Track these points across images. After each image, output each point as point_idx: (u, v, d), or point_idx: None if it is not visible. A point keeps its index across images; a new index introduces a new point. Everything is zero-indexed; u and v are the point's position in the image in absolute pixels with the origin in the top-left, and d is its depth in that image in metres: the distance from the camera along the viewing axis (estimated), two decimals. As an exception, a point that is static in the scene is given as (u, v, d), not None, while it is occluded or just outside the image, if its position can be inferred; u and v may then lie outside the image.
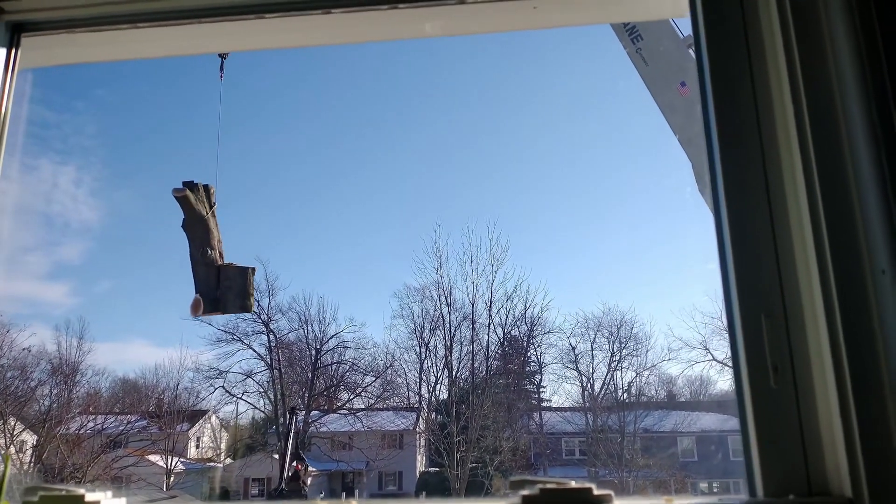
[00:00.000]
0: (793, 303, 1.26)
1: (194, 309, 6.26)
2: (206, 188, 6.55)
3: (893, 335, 1.12)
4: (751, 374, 1.24)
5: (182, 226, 6.29)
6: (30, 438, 24.86)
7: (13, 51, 1.82)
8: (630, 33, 10.47)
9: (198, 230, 6.36)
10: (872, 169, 1.17)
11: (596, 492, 1.18)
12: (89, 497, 1.28)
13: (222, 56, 9.84)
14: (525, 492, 1.20)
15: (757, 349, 1.25)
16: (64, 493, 1.30)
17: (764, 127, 1.34)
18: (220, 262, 6.39)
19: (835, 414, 1.16)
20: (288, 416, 25.07)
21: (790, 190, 1.30)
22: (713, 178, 1.37)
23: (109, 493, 1.32)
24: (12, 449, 23.37)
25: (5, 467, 1.33)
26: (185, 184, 6.33)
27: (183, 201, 6.36)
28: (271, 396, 33.37)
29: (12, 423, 23.91)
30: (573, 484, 1.21)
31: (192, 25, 2.08)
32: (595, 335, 33.79)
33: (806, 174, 1.25)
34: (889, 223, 1.13)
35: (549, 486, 1.20)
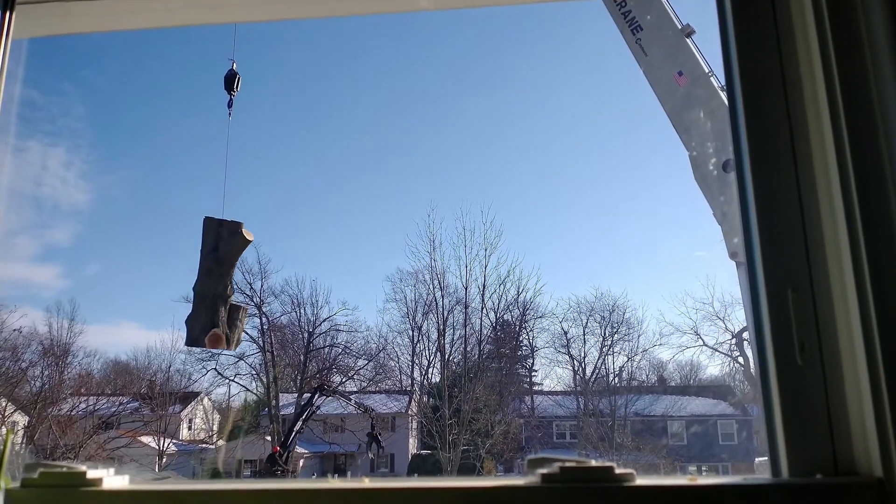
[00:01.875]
0: (820, 277, 1.22)
1: (215, 342, 6.51)
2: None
3: (928, 310, 1.08)
4: (776, 351, 1.20)
5: (215, 259, 6.46)
6: (21, 419, 24.78)
7: (7, 14, 1.76)
8: (630, 24, 10.48)
9: (230, 269, 6.68)
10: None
11: (617, 470, 1.15)
12: (91, 474, 1.24)
13: (231, 93, 9.94)
14: (544, 470, 1.17)
15: (783, 325, 1.21)
16: (65, 469, 1.26)
17: (791, 94, 1.29)
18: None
19: (864, 392, 1.13)
20: (311, 394, 23.65)
21: (818, 159, 1.25)
22: (737, 146, 1.33)
23: (112, 471, 1.28)
24: (3, 429, 23.30)
25: (6, 442, 1.28)
26: (237, 224, 6.58)
27: (245, 244, 6.63)
28: (264, 379, 33.35)
29: (3, 404, 23.83)
30: (593, 463, 1.17)
31: None
32: (587, 320, 33.91)
33: (836, 142, 1.20)
34: (925, 195, 1.09)
35: (568, 464, 1.17)
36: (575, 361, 34.22)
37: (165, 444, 29.94)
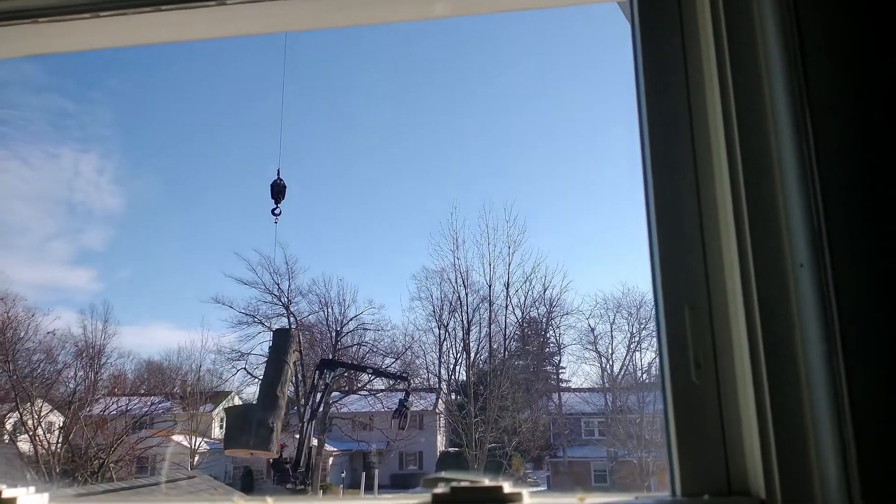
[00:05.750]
0: (718, 296, 1.21)
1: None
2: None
3: (811, 329, 1.07)
4: (672, 367, 1.20)
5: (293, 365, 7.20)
6: (57, 419, 25.40)
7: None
8: None
9: None
10: (796, 163, 1.12)
11: (507, 490, 1.15)
12: (6, 493, 1.27)
13: (277, 203, 10.67)
14: (437, 490, 1.18)
15: (680, 342, 1.20)
16: (-18, 488, 1.30)
17: (696, 121, 1.29)
18: None
19: (752, 411, 1.12)
20: (317, 373, 22.08)
21: (718, 182, 1.24)
22: (643, 167, 1.32)
23: (32, 489, 1.32)
24: (40, 430, 23.89)
25: None
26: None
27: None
28: (292, 378, 33.67)
29: (40, 405, 24.44)
30: (486, 482, 1.18)
31: (155, 14, 2.05)
32: (614, 316, 33.69)
33: (731, 167, 1.20)
34: (809, 217, 1.08)
35: (462, 484, 1.18)
36: (602, 358, 34.00)
37: (197, 443, 30.47)
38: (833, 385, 1.03)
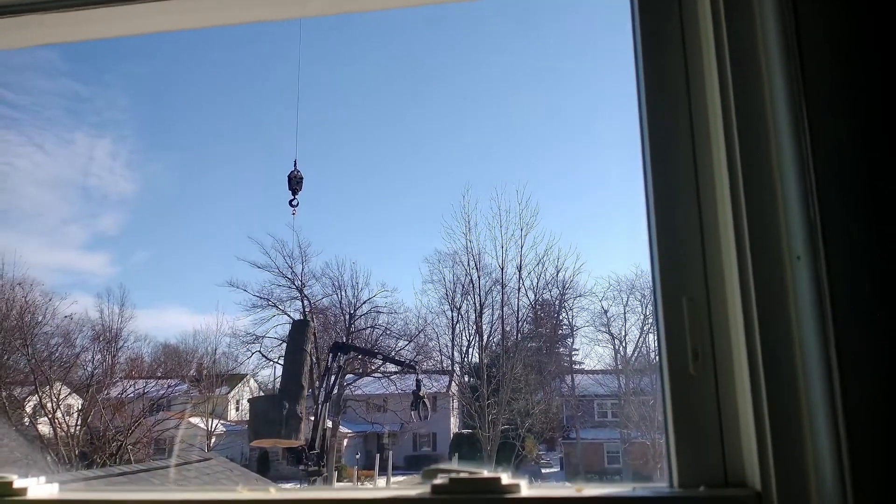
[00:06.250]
0: (716, 287, 1.21)
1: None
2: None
3: (808, 321, 1.07)
4: (670, 359, 1.20)
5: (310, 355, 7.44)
6: (75, 402, 25.77)
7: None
8: None
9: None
10: (793, 156, 1.11)
11: (505, 481, 1.17)
12: (18, 483, 1.30)
13: (294, 193, 10.67)
14: (436, 481, 1.19)
15: (678, 333, 1.20)
16: (-7, 478, 1.33)
17: (695, 114, 1.28)
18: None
19: (749, 403, 1.12)
20: (330, 356, 21.57)
21: (717, 175, 1.24)
22: (643, 158, 1.32)
23: (43, 479, 1.35)
24: (59, 413, 24.28)
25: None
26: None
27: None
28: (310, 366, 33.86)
29: (58, 388, 24.81)
30: (485, 473, 1.19)
31: (161, 2, 2.05)
32: (628, 298, 33.57)
33: (729, 160, 1.19)
34: (805, 209, 1.08)
35: (461, 475, 1.19)
36: (616, 340, 33.95)
37: (214, 425, 30.85)
38: (829, 378, 1.03)
